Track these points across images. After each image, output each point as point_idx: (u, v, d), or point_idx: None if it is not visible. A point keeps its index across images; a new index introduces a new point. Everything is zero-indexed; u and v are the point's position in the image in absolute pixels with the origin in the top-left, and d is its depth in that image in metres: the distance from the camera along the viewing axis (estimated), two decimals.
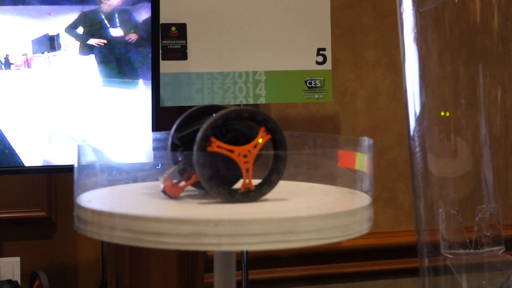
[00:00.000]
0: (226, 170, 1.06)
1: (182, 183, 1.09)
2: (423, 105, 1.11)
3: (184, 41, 2.29)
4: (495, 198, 1.07)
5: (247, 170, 1.05)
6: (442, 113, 1.02)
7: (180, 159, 1.09)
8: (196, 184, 1.10)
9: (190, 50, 2.30)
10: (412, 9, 1.07)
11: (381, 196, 2.85)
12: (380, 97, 2.87)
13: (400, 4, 1.08)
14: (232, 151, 1.04)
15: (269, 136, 1.07)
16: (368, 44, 2.84)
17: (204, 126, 1.04)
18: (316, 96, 2.43)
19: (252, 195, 1.06)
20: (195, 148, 1.03)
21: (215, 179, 1.03)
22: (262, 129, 1.07)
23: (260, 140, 1.05)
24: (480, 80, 1.04)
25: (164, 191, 1.07)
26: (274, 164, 1.07)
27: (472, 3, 1.03)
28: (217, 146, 1.03)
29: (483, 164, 1.07)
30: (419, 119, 1.11)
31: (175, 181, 1.09)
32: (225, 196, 1.04)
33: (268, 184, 1.07)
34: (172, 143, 1.12)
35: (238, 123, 1.08)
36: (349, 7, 2.81)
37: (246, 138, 1.07)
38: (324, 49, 2.41)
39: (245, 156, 1.04)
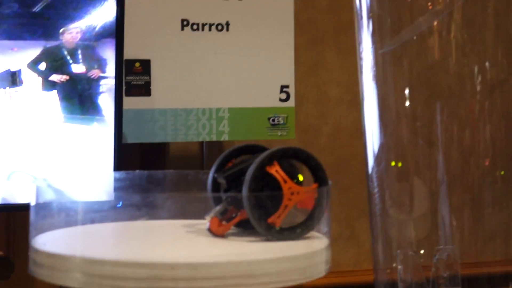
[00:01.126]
0: (271, 205, 1.07)
1: (225, 222, 1.10)
2: (381, 145, 1.12)
3: (148, 77, 2.29)
4: (453, 238, 1.08)
5: (285, 206, 1.07)
6: (393, 163, 1.03)
7: (224, 198, 1.10)
8: (241, 224, 1.11)
9: (153, 86, 2.29)
10: (372, 48, 1.08)
11: (342, 234, 2.86)
12: (343, 135, 2.88)
13: (360, 43, 1.09)
14: (285, 181, 1.06)
15: (316, 185, 1.10)
16: (331, 81, 2.86)
17: (252, 169, 1.05)
18: (279, 133, 2.44)
19: (298, 232, 1.08)
20: (245, 188, 1.04)
21: (264, 217, 1.05)
22: (314, 177, 1.11)
23: (313, 186, 1.08)
24: (438, 118, 1.06)
25: (209, 230, 1.08)
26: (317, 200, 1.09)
27: (431, 41, 1.05)
28: (275, 170, 1.05)
29: (440, 204, 1.08)
30: (378, 159, 1.12)
31: (220, 219, 1.10)
32: (273, 234, 1.07)
33: (311, 220, 1.09)
34: (215, 182, 1.14)
35: (284, 161, 1.10)
36: (313, 44, 2.83)
37: (289, 175, 1.09)
38: (287, 86, 2.42)
39: (292, 194, 1.07)
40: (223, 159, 1.15)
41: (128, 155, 2.20)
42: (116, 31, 2.03)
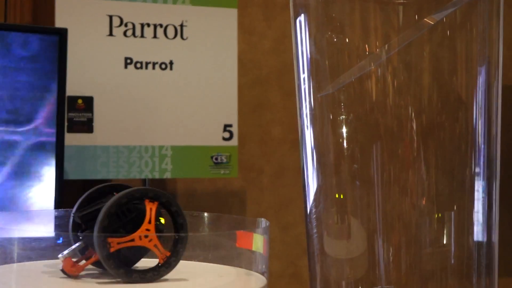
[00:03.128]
0: (127, 250, 1.05)
1: (83, 262, 1.08)
2: (319, 187, 1.14)
3: (90, 114, 2.28)
4: (390, 278, 1.09)
5: (155, 246, 1.05)
6: (337, 195, 1.05)
7: (80, 238, 1.08)
8: (97, 263, 1.09)
9: (96, 123, 2.29)
10: (311, 91, 1.10)
11: (285, 272, 2.86)
12: (286, 174, 2.90)
13: (299, 86, 1.11)
14: (133, 240, 1.04)
15: (156, 204, 1.07)
16: (274, 121, 2.88)
17: (104, 209, 1.03)
18: (222, 172, 2.45)
19: (149, 276, 1.05)
20: (95, 229, 1.02)
21: (114, 259, 1.02)
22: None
23: (148, 213, 1.05)
24: (376, 159, 1.07)
25: (63, 270, 1.06)
26: (174, 246, 1.07)
27: (368, 83, 1.07)
28: (117, 243, 1.03)
29: (378, 244, 1.09)
30: (316, 201, 1.13)
31: (75, 259, 1.08)
32: (123, 276, 1.04)
33: (166, 266, 1.06)
34: (74, 221, 1.11)
35: (141, 203, 1.08)
36: (257, 84, 2.85)
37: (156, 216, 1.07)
38: (230, 125, 2.43)
39: (146, 236, 1.04)
40: (85, 198, 1.13)
41: (70, 192, 2.18)
42: (59, 68, 2.02)
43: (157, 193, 1.06)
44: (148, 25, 2.34)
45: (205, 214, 1.23)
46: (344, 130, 1.10)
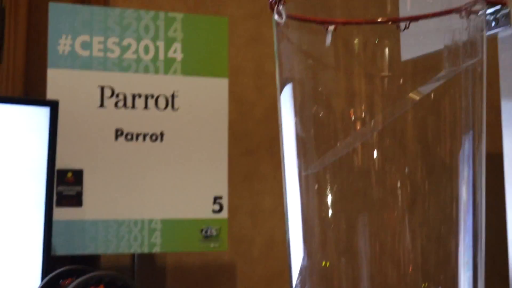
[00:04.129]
0: None
1: None
2: (305, 266, 1.10)
3: (80, 188, 2.25)
4: None
5: None
6: (323, 263, 1.02)
7: None
8: None
9: (85, 197, 2.26)
10: (296, 169, 1.08)
11: None
12: (277, 246, 2.87)
13: (284, 164, 1.09)
14: None
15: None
16: (264, 191, 2.86)
17: None
18: (212, 245, 2.41)
19: None
20: None
21: None
22: None
23: None
24: (362, 231, 1.05)
25: None
26: None
27: (353, 152, 1.05)
28: None
29: None
30: (302, 281, 1.10)
31: None
32: None
33: None
34: None
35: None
36: (247, 154, 2.84)
37: None
38: (220, 197, 2.41)
39: None
40: (45, 284, 1.11)
41: (57, 266, 2.13)
42: (49, 140, 2.00)
43: (114, 278, 1.04)
44: (140, 95, 2.33)
45: None
46: (329, 201, 1.09)
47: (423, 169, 1.13)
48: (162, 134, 2.35)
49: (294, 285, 1.10)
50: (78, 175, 2.26)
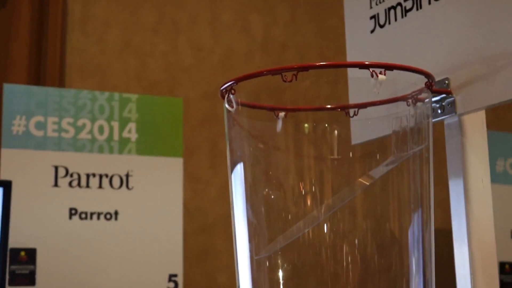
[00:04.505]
0: None
1: None
2: None
3: (33, 266, 2.24)
4: None
5: None
6: None
7: None
8: None
9: (38, 275, 2.24)
10: (247, 253, 1.10)
11: None
12: None
13: (236, 248, 1.11)
14: None
15: None
16: (220, 268, 2.86)
17: None
18: None
19: None
20: None
21: None
22: None
23: None
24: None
25: None
26: None
27: (303, 237, 1.08)
28: None
29: None
30: None
31: None
32: None
33: None
34: None
35: None
36: (202, 232, 2.85)
37: None
38: (175, 275, 2.40)
39: None
40: None
41: None
42: (2, 219, 1.99)
43: None
44: (94, 175, 2.34)
45: None
46: (281, 279, 1.10)
47: (374, 244, 1.15)
48: (116, 213, 2.35)
49: None
50: (31, 254, 2.25)
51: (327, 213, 1.12)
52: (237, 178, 1.14)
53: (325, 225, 1.12)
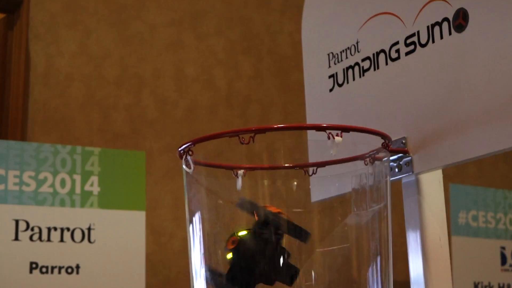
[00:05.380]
0: None
1: None
2: None
3: None
4: None
5: None
6: None
7: None
8: None
9: None
10: None
11: None
12: None
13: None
14: None
15: None
16: None
17: None
18: None
19: None
20: None
21: None
22: None
23: None
24: None
25: None
26: None
27: None
28: None
29: None
30: None
31: None
32: None
33: None
34: None
35: None
36: (167, 285, 2.83)
37: None
38: None
39: None
40: None
41: None
42: None
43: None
44: (55, 228, 2.32)
45: None
46: None
47: None
48: (78, 267, 2.33)
49: None
50: None
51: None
52: (196, 234, 1.14)
53: None
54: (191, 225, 1.15)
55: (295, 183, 1.22)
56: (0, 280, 2.24)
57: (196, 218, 1.15)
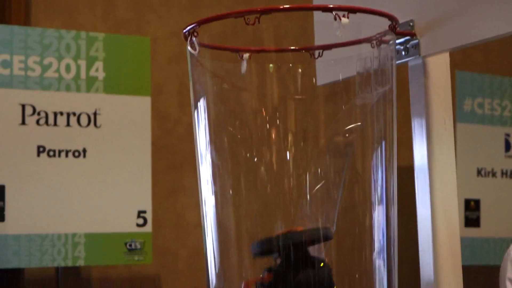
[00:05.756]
0: None
1: None
2: (219, 274, 1.15)
3: (2, 203, 2.25)
4: None
5: None
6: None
7: None
8: None
9: (8, 212, 2.25)
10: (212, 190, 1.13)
11: None
12: (201, 258, 2.88)
13: (200, 183, 1.13)
14: None
15: None
16: (189, 205, 2.88)
17: None
18: (136, 258, 2.43)
19: None
20: None
21: None
22: None
23: None
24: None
25: None
26: None
27: (269, 162, 1.10)
28: None
29: None
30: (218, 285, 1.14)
31: None
32: None
33: None
34: None
35: None
36: (171, 169, 2.86)
37: None
38: (144, 212, 2.42)
39: None
40: None
41: None
42: None
43: None
44: (61, 113, 2.34)
45: None
46: (243, 216, 1.12)
47: (336, 176, 1.17)
48: (84, 151, 2.36)
49: None
50: (0, 190, 2.26)
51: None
52: (201, 119, 1.15)
53: (289, 159, 1.13)
54: (196, 110, 1.15)
55: (300, 70, 1.21)
56: (9, 163, 2.27)
57: (201, 103, 1.15)
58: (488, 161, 3.10)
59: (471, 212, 3.08)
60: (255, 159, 1.13)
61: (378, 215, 1.14)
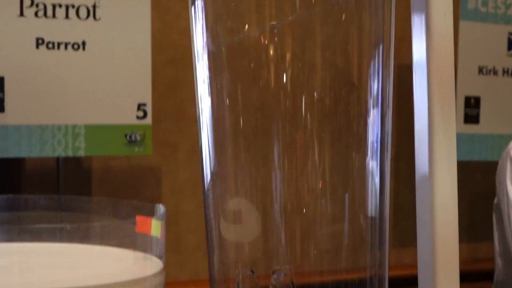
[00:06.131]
0: None
1: None
2: (216, 172, 1.18)
3: (1, 94, 2.27)
4: (289, 259, 1.15)
5: None
6: (226, 189, 1.09)
7: None
8: None
9: (7, 103, 2.28)
10: (208, 81, 1.14)
11: (201, 245, 2.89)
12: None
13: (196, 77, 1.15)
14: None
15: None
16: (190, 99, 2.90)
17: None
18: (136, 150, 2.47)
19: None
20: None
21: None
22: None
23: None
24: (273, 144, 1.12)
25: None
26: None
27: (261, 70, 1.11)
28: None
29: (275, 226, 1.14)
30: (213, 186, 1.18)
31: None
32: None
33: None
34: None
35: None
36: (172, 63, 2.87)
37: None
38: (144, 104, 2.45)
39: None
40: None
41: None
42: None
43: None
44: (60, 5, 2.34)
45: (106, 199, 1.26)
46: (240, 115, 1.15)
47: (331, 83, 1.20)
48: (84, 43, 2.37)
49: (205, 193, 1.17)
50: None
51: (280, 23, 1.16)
52: (198, 18, 1.16)
53: (283, 64, 1.15)
54: (193, 6, 1.16)
55: None
56: (8, 55, 2.29)
57: (198, 2, 1.15)
58: (490, 59, 3.10)
59: (471, 109, 3.10)
60: (252, 65, 1.15)
61: (373, 118, 1.17)
